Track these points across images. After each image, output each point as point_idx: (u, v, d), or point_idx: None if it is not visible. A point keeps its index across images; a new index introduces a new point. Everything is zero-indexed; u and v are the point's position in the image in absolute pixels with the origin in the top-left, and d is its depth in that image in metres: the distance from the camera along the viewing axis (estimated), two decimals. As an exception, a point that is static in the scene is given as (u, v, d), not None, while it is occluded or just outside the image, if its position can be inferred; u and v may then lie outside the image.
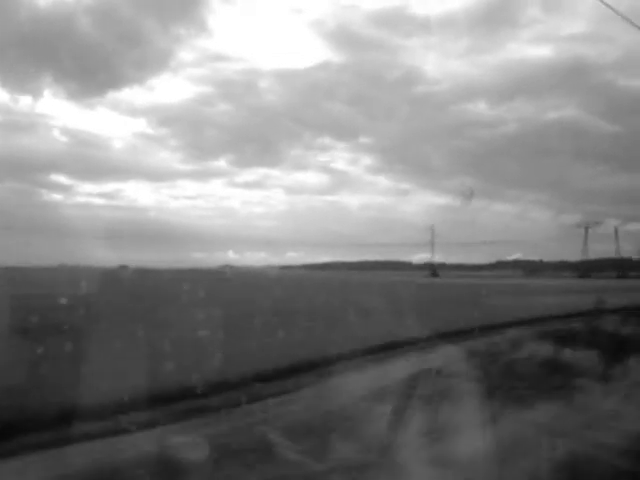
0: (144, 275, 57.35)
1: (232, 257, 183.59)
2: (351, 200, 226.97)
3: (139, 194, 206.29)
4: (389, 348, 13.58)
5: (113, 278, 44.74)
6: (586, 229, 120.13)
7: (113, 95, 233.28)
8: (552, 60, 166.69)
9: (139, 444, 6.83)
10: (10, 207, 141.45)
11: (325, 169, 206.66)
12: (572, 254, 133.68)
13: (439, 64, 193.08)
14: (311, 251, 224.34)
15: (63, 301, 18.22)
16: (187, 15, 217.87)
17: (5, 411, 7.37)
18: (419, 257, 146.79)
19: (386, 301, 23.93)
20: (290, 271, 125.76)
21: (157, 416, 7.70)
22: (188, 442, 6.64)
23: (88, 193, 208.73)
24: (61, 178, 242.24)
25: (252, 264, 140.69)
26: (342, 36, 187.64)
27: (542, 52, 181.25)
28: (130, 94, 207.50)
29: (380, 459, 6.23)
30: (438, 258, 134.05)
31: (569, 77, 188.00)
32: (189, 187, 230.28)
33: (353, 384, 9.93)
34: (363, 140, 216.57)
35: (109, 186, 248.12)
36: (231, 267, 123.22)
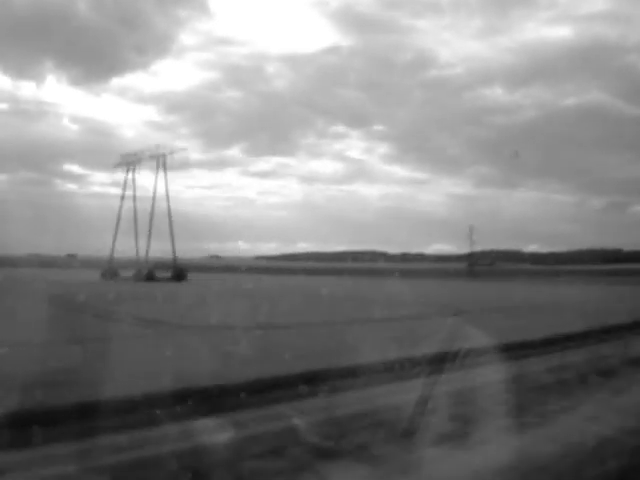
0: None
1: (243, 247, 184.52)
2: (367, 190, 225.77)
3: (153, 183, 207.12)
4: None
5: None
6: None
7: (117, 81, 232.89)
8: (571, 41, 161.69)
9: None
10: (28, 198, 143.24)
11: (340, 158, 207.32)
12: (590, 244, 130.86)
13: (452, 46, 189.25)
14: (324, 241, 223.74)
15: None
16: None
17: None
18: (434, 248, 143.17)
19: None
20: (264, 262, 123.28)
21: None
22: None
23: (102, 182, 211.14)
24: (74, 167, 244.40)
25: (241, 255, 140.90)
26: (349, 17, 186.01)
27: (561, 33, 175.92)
28: (134, 80, 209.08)
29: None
30: (450, 249, 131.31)
31: (590, 59, 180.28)
32: (204, 176, 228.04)
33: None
34: (377, 128, 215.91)
35: (122, 175, 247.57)
36: (218, 258, 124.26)
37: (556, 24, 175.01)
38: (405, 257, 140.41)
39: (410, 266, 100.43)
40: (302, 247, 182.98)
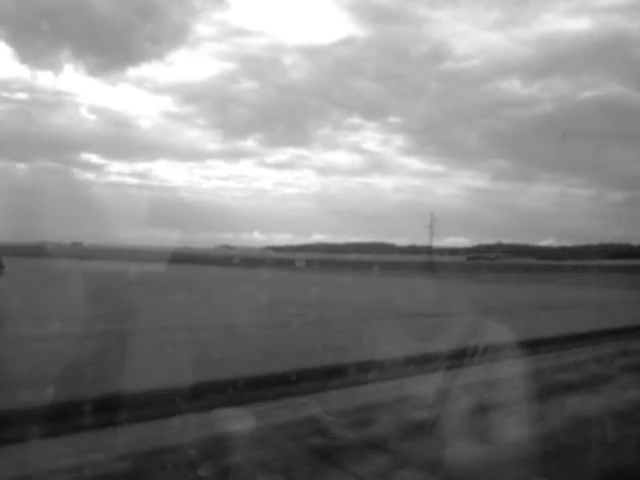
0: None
1: (259, 238, 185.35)
2: (383, 182, 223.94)
3: (170, 174, 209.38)
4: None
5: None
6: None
7: (133, 71, 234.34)
8: (590, 33, 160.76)
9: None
10: (47, 186, 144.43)
11: (356, 149, 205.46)
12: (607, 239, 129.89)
13: (468, 37, 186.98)
14: (339, 233, 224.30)
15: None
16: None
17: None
18: (450, 241, 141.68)
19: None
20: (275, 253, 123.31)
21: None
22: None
23: (120, 172, 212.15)
24: (92, 157, 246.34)
25: (253, 245, 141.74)
26: (365, 8, 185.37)
27: (579, 25, 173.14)
28: (150, 70, 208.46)
29: None
30: (466, 242, 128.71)
31: (608, 52, 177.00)
32: (220, 167, 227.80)
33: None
34: (393, 120, 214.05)
35: (140, 165, 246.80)
36: (230, 248, 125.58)
37: (574, 16, 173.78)
38: (414, 249, 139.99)
39: (387, 258, 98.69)
40: (316, 238, 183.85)
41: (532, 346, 11.94)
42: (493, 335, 7.92)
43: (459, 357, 7.33)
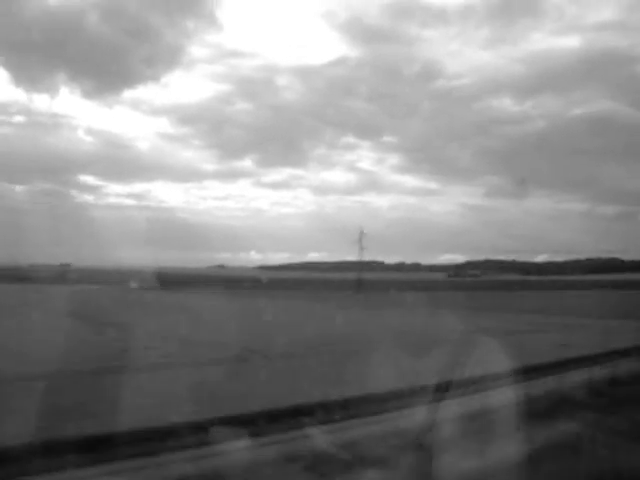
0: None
1: (255, 257, 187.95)
2: (379, 200, 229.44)
3: (167, 194, 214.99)
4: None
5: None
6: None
7: (129, 93, 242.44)
8: (579, 51, 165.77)
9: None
10: (45, 209, 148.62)
11: (351, 169, 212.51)
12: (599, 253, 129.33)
13: (459, 56, 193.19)
14: (336, 251, 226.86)
15: None
16: (194, 8, 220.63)
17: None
18: (446, 258, 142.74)
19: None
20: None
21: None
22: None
23: (117, 194, 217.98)
24: (90, 179, 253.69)
25: (247, 264, 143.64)
26: (356, 28, 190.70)
27: (569, 43, 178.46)
28: (146, 92, 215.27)
29: None
30: (461, 259, 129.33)
31: (598, 69, 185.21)
32: (217, 188, 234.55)
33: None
34: (387, 139, 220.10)
35: (137, 187, 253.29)
36: (224, 267, 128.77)
37: (563, 34, 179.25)
38: (400, 267, 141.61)
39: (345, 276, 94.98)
40: (313, 257, 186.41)
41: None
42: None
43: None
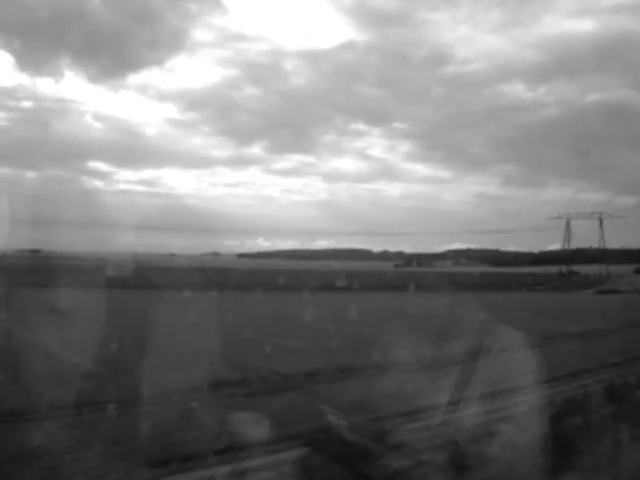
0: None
1: (263, 244, 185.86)
2: (390, 189, 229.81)
3: (177, 181, 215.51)
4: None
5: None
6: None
7: (134, 78, 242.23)
8: (594, 35, 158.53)
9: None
10: (56, 195, 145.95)
11: (362, 156, 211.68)
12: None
13: (469, 41, 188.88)
14: (342, 239, 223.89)
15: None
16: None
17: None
18: (454, 246, 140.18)
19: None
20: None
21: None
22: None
23: (127, 180, 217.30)
24: (100, 165, 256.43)
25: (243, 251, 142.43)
26: (363, 11, 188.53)
27: (583, 26, 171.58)
28: (151, 76, 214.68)
29: None
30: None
31: (614, 54, 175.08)
32: (227, 174, 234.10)
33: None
34: (397, 125, 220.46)
35: (147, 173, 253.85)
36: (217, 255, 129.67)
37: (577, 17, 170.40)
38: (385, 256, 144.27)
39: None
40: (320, 244, 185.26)
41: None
42: None
43: None
